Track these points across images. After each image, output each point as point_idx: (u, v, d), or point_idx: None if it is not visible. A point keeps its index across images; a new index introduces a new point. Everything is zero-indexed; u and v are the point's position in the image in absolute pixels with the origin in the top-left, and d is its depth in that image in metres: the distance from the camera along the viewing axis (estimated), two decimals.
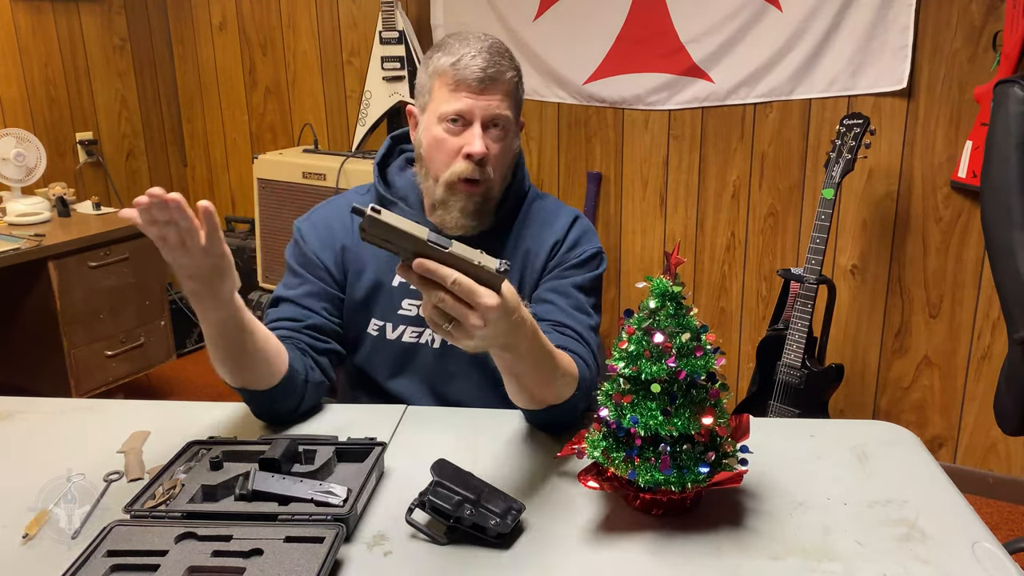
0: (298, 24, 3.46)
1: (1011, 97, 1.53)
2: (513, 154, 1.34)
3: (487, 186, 1.30)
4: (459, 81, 1.26)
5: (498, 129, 1.29)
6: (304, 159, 3.07)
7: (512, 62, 1.32)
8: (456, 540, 0.96)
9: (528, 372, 1.07)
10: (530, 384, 1.10)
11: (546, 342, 1.08)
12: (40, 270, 2.64)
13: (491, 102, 1.27)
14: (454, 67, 1.26)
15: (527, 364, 1.05)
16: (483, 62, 1.26)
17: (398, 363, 1.38)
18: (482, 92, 1.26)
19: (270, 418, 1.25)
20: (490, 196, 1.31)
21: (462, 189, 1.28)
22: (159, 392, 3.37)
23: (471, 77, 1.25)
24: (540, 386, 1.11)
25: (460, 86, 1.26)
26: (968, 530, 0.98)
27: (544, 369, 1.08)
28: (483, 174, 1.28)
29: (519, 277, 1.37)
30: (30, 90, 3.24)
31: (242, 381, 1.18)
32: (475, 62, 1.26)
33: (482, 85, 1.26)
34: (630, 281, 3.06)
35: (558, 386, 1.13)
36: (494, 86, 1.27)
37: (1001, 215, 1.53)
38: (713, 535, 0.97)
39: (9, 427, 1.28)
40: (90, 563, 0.89)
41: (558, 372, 1.11)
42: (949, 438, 2.65)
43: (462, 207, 1.29)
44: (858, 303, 2.70)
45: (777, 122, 2.71)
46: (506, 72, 1.29)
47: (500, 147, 1.29)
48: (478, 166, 1.27)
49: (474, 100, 1.26)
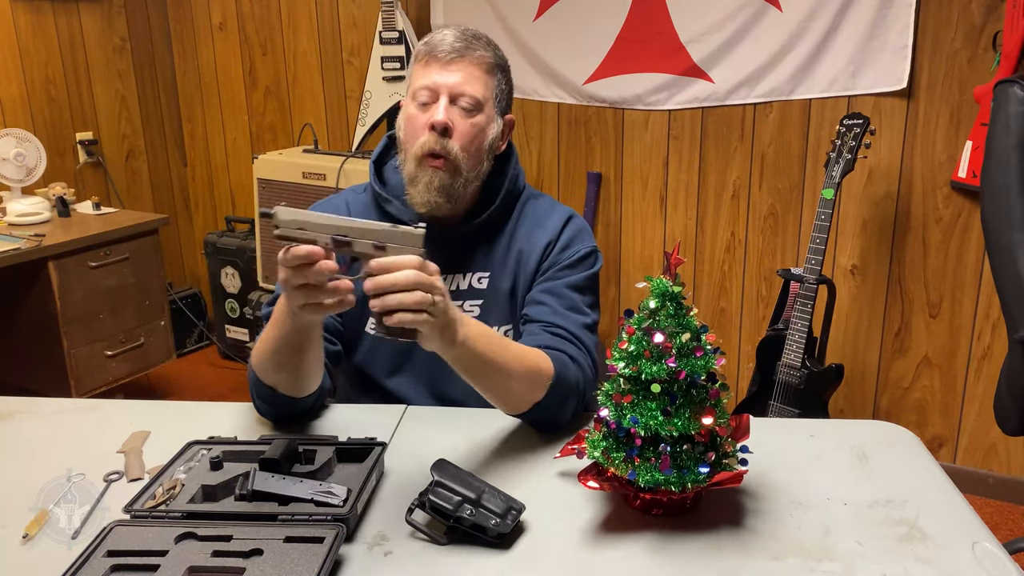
0: (298, 24, 3.46)
1: (1011, 97, 1.53)
2: (486, 137, 1.33)
3: (453, 163, 1.28)
4: (429, 56, 1.30)
5: (467, 106, 1.29)
6: (304, 159, 3.07)
7: (488, 46, 1.33)
8: (456, 540, 0.96)
9: (492, 365, 1.11)
10: (499, 382, 1.14)
11: (497, 336, 1.14)
12: (40, 270, 2.64)
13: (457, 76, 1.28)
14: (427, 44, 1.31)
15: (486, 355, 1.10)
16: (453, 38, 1.30)
17: (396, 362, 1.38)
18: (449, 64, 1.29)
19: (276, 418, 1.26)
20: (458, 173, 1.30)
21: (428, 164, 1.28)
22: (159, 392, 3.37)
23: (439, 50, 1.29)
24: (509, 381, 1.14)
25: (430, 60, 1.30)
26: (968, 530, 0.98)
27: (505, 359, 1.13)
28: (446, 147, 1.27)
29: (512, 278, 1.37)
30: (30, 90, 3.24)
31: (281, 382, 1.19)
32: (445, 38, 1.30)
33: (449, 57, 1.28)
34: (630, 281, 3.06)
35: (525, 380, 1.16)
36: (462, 61, 1.29)
37: (1001, 215, 1.53)
38: (713, 535, 0.97)
39: (9, 427, 1.28)
40: (90, 563, 0.89)
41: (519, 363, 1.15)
42: (949, 438, 2.65)
43: (427, 181, 1.29)
44: (858, 303, 2.70)
45: (777, 122, 2.71)
46: (476, 49, 1.30)
47: (467, 124, 1.29)
48: (441, 136, 1.27)
49: (440, 74, 1.28)
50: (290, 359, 1.15)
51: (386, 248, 0.99)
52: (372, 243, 0.99)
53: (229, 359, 3.65)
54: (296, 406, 1.23)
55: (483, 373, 1.13)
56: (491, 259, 1.38)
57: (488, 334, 1.13)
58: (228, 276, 3.51)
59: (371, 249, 0.99)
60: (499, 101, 1.35)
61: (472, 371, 1.13)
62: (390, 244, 0.99)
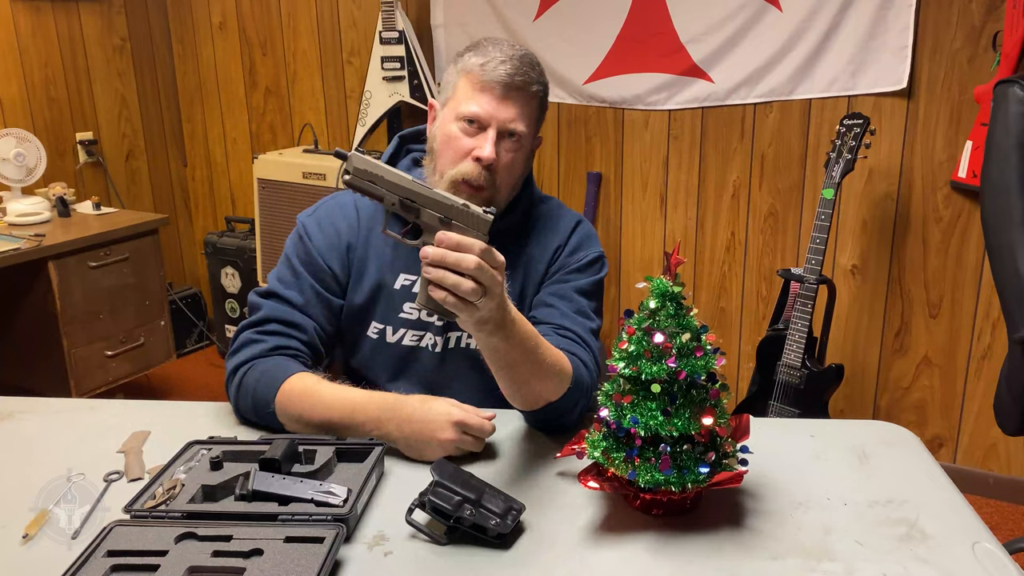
0: (298, 24, 3.46)
1: (1011, 97, 1.53)
2: (523, 169, 1.33)
3: (492, 194, 1.28)
4: (484, 83, 1.26)
5: (513, 140, 1.28)
6: (304, 159, 3.07)
7: (541, 76, 1.31)
8: (456, 540, 0.96)
9: (520, 361, 1.08)
10: (522, 376, 1.11)
11: (535, 331, 1.10)
12: (40, 270, 2.64)
13: (511, 112, 1.26)
14: (482, 68, 1.26)
15: (518, 351, 1.07)
16: (511, 68, 1.25)
17: (398, 367, 1.37)
18: (504, 98, 1.26)
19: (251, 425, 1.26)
20: (493, 204, 1.29)
21: (465, 191, 1.26)
22: (159, 392, 3.37)
23: (496, 80, 1.25)
24: (532, 378, 1.12)
25: (484, 88, 1.26)
26: (968, 530, 0.98)
27: (535, 358, 1.10)
28: (489, 181, 1.27)
29: (521, 282, 1.37)
30: (30, 90, 3.24)
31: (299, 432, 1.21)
32: (503, 67, 1.25)
33: (506, 91, 1.25)
34: (630, 281, 3.06)
35: (550, 380, 1.14)
36: (518, 95, 1.26)
37: (1001, 215, 1.53)
38: (713, 535, 0.97)
39: (9, 427, 1.28)
40: (90, 563, 0.89)
41: (547, 362, 1.12)
42: (949, 438, 2.65)
43: None
44: (858, 303, 2.70)
45: (777, 122, 2.71)
46: (532, 84, 1.28)
47: (511, 158, 1.28)
48: (485, 171, 1.26)
49: (494, 106, 1.25)
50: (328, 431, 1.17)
51: (452, 224, 0.99)
52: (440, 216, 0.99)
53: None
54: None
55: (514, 364, 1.10)
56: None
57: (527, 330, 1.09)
58: (228, 276, 3.51)
59: (437, 222, 0.99)
60: (537, 125, 1.34)
61: (504, 361, 1.09)
62: (457, 222, 0.99)
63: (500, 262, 0.98)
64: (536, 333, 1.11)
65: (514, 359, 1.08)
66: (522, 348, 1.07)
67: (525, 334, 1.07)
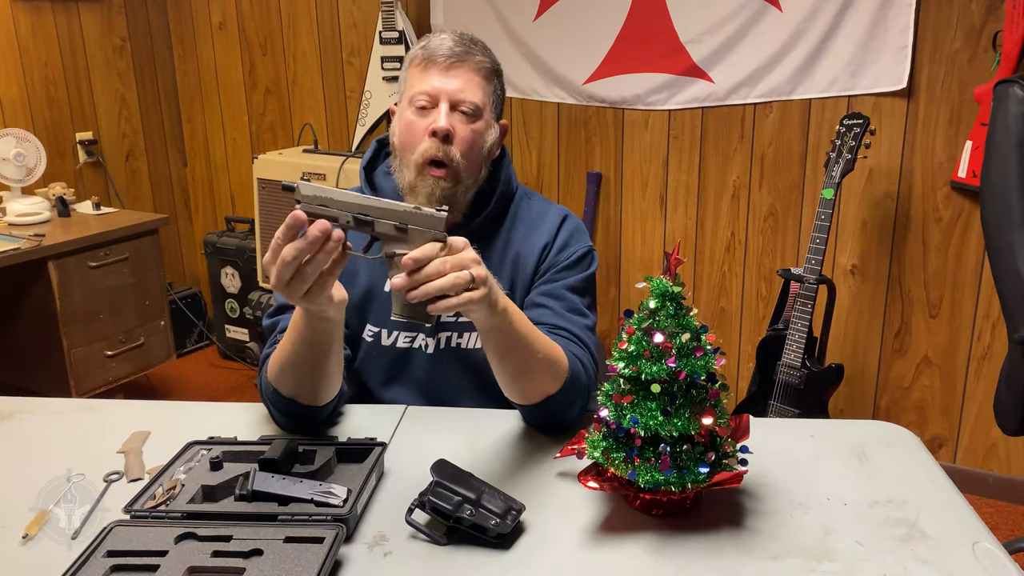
0: (298, 24, 3.46)
1: (1011, 97, 1.53)
2: (485, 143, 1.32)
3: (454, 170, 1.28)
4: (427, 60, 1.29)
5: (467, 114, 1.29)
6: (304, 159, 3.07)
7: (485, 51, 1.33)
8: (456, 540, 0.96)
9: (521, 340, 1.10)
10: (522, 361, 1.13)
11: (528, 321, 1.13)
12: (40, 270, 2.64)
13: (457, 82, 1.28)
14: (424, 49, 1.30)
15: (523, 329, 1.09)
16: (452, 43, 1.29)
17: (392, 369, 1.37)
18: (448, 70, 1.28)
19: (295, 428, 1.23)
20: (459, 182, 1.29)
21: (430, 174, 1.27)
22: (159, 392, 3.37)
23: (438, 54, 1.28)
24: (532, 363, 1.13)
25: (428, 65, 1.28)
26: (968, 530, 0.98)
27: (533, 340, 1.12)
28: (448, 154, 1.26)
29: (510, 281, 1.37)
30: (30, 90, 3.24)
31: (301, 393, 1.17)
32: (444, 42, 1.29)
33: (449, 62, 1.28)
34: (630, 281, 3.06)
35: (548, 367, 1.15)
36: (461, 66, 1.28)
37: (1001, 215, 1.53)
38: (713, 535, 0.97)
39: (9, 427, 1.28)
40: (90, 563, 0.89)
41: (544, 349, 1.14)
42: (949, 438, 2.65)
43: (428, 192, 1.27)
44: (858, 303, 2.70)
45: (777, 122, 2.71)
46: (475, 55, 1.30)
47: (468, 130, 1.29)
48: (443, 144, 1.26)
49: (441, 80, 1.27)
50: (311, 366, 1.13)
51: (407, 230, 0.99)
52: (394, 224, 0.99)
53: (229, 359, 3.65)
54: (316, 415, 1.21)
55: (514, 348, 1.11)
56: (488, 263, 1.38)
57: (521, 314, 1.13)
58: (228, 276, 3.51)
59: (392, 230, 0.99)
60: (495, 106, 1.35)
61: (504, 344, 1.10)
62: (412, 226, 0.99)
63: (462, 243, 1.00)
64: (530, 321, 1.15)
65: (515, 340, 1.10)
66: (523, 326, 1.10)
67: (521, 314, 1.11)
